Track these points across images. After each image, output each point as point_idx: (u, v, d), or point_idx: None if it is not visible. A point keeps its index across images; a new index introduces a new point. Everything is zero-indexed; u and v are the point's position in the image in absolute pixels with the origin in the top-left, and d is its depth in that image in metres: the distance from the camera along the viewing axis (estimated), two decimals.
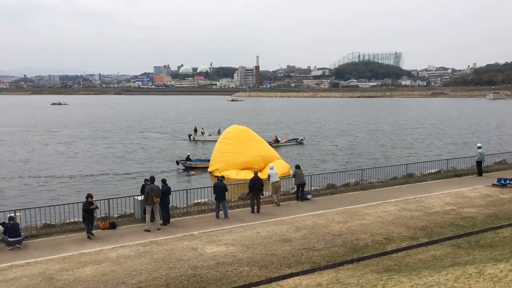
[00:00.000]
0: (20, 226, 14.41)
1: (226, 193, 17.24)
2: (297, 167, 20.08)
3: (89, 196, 15.07)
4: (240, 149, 29.35)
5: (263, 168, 28.91)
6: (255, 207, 17.54)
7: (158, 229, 15.44)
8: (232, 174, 27.99)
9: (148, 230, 15.25)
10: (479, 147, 24.15)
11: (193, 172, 31.37)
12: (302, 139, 48.62)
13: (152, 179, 16.05)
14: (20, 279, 11.31)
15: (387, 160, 37.07)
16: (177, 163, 33.17)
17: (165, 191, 16.28)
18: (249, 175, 27.15)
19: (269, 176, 19.15)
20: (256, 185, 17.63)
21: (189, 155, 34.40)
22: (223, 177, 18.60)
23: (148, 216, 15.51)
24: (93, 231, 15.26)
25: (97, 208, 15.23)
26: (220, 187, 16.92)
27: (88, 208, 14.71)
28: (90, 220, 14.80)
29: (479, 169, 23.87)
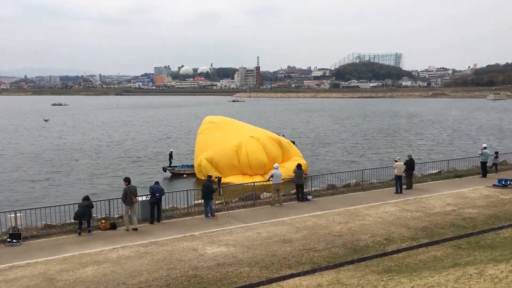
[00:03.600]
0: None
1: (215, 193, 17.49)
2: (298, 167, 20.04)
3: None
4: (228, 133, 29.35)
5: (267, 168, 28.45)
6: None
7: (134, 229, 15.42)
8: (235, 179, 27.65)
9: (127, 230, 15.34)
10: (485, 148, 24.03)
11: (184, 175, 30.75)
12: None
13: (128, 180, 16.14)
14: (21, 279, 11.32)
15: (388, 160, 37.03)
16: (164, 170, 32.15)
17: (157, 190, 16.47)
18: (252, 179, 26.92)
19: (271, 175, 19.10)
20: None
21: (172, 152, 34.17)
22: (219, 178, 18.61)
23: (126, 217, 15.58)
24: (94, 232, 15.31)
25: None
26: (205, 187, 17.13)
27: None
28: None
29: (484, 170, 23.72)
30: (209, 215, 17.10)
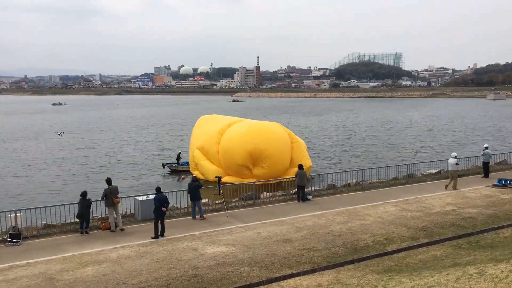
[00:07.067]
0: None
1: (215, 193, 17.59)
2: (300, 167, 20.01)
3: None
4: (214, 124, 30.29)
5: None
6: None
7: (122, 230, 15.34)
8: (232, 178, 27.54)
9: (113, 231, 15.24)
10: (486, 148, 24.00)
11: (182, 176, 29.63)
12: None
13: (109, 181, 15.99)
14: (21, 279, 11.33)
15: (387, 160, 37.04)
16: (163, 166, 31.36)
17: (160, 200, 14.87)
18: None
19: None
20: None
21: (180, 153, 32.60)
22: (219, 178, 18.68)
23: (111, 218, 15.46)
24: (94, 231, 15.32)
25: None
26: (194, 187, 16.81)
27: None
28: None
29: (486, 170, 23.67)
30: (197, 216, 16.86)
